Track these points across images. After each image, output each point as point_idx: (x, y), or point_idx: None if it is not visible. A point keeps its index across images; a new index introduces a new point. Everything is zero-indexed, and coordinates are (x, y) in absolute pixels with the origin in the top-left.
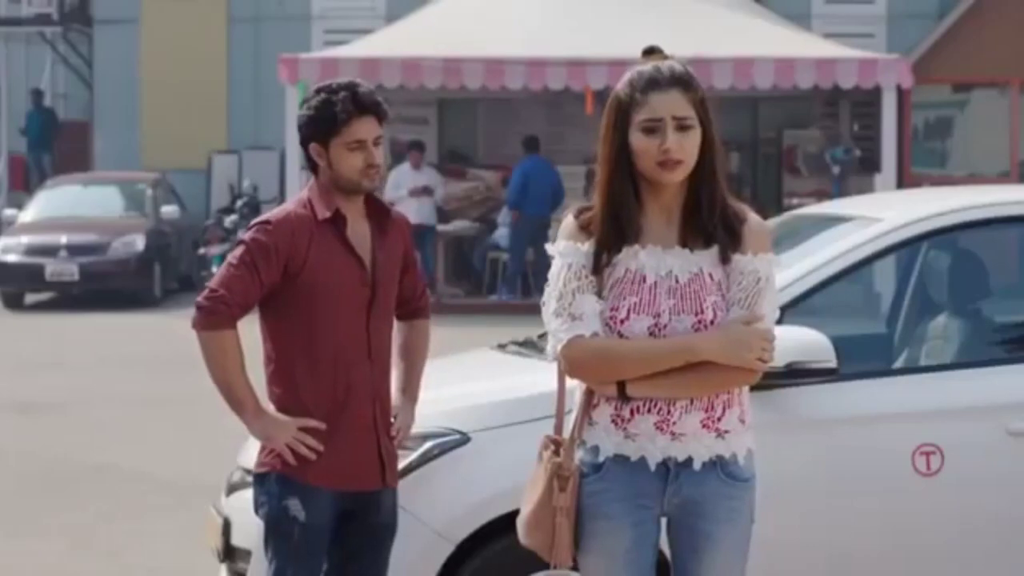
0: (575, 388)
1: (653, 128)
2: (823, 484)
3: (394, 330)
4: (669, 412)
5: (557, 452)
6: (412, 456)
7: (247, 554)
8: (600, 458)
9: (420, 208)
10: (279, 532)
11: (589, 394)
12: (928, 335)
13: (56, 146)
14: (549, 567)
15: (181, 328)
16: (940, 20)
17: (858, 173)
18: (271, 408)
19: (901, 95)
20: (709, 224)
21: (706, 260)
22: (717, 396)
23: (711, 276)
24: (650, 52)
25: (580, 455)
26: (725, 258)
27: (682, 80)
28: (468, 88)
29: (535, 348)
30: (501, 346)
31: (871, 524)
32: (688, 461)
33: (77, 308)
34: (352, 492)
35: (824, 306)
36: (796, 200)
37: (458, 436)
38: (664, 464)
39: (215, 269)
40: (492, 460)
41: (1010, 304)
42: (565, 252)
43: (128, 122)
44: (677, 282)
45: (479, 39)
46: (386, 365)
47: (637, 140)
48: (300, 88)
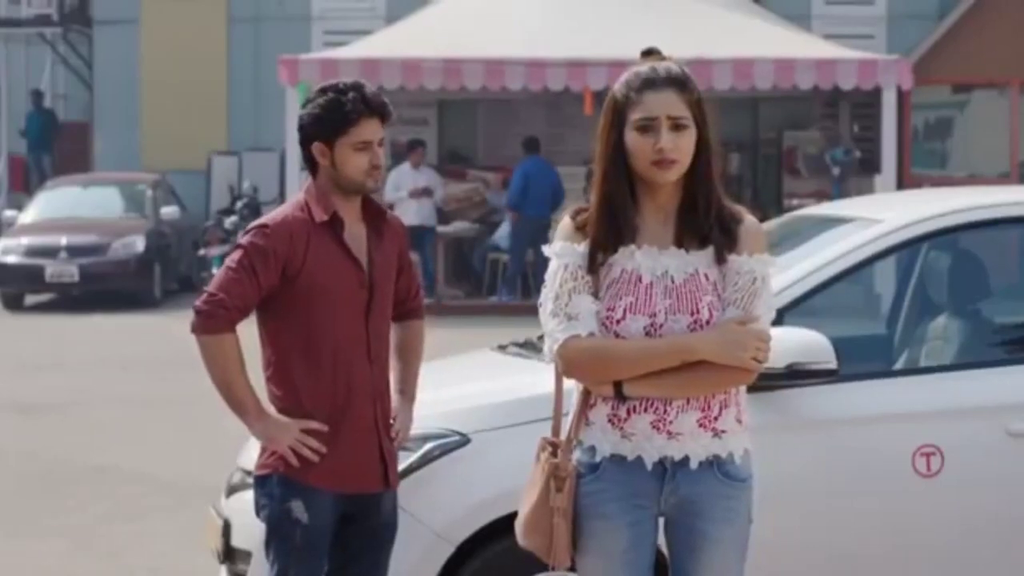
0: (573, 390)
1: (648, 127)
2: (823, 485)
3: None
4: (666, 412)
5: (555, 453)
6: (413, 457)
7: (247, 555)
8: (597, 458)
9: (420, 209)
10: (281, 534)
11: (586, 394)
12: (928, 336)
13: (56, 147)
14: (548, 568)
15: (181, 329)
16: (940, 21)
17: (858, 174)
18: (273, 411)
19: (901, 96)
20: (705, 225)
21: (702, 260)
22: (714, 396)
23: (707, 276)
24: (648, 53)
25: (577, 455)
26: (721, 258)
27: (678, 80)
28: (468, 89)
29: (535, 349)
30: (501, 347)
31: (871, 525)
32: (685, 460)
33: (77, 309)
34: (353, 494)
35: (824, 307)
36: (796, 201)
37: (458, 437)
38: (661, 464)
39: (215, 270)
40: (492, 461)
41: (1010, 305)
42: (561, 253)
43: (128, 123)
44: (673, 282)
45: (479, 40)
46: (385, 366)
47: (632, 139)
48: (300, 89)
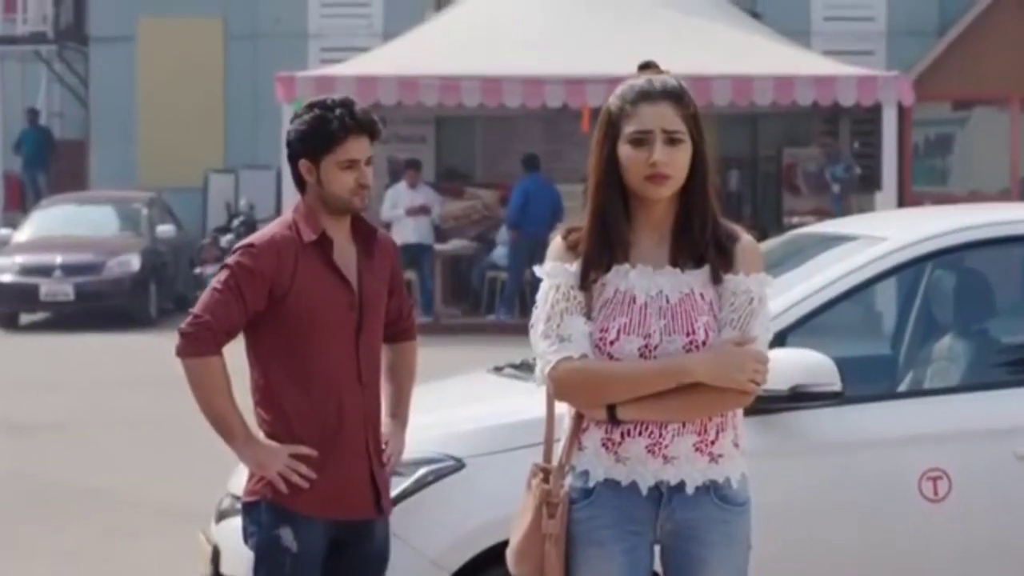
0: (565, 414)
1: (642, 140)
2: (827, 510)
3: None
4: (661, 435)
5: (546, 480)
6: (406, 482)
7: None
8: (590, 483)
9: (417, 227)
10: (270, 563)
11: (578, 418)
12: (934, 356)
13: (52, 165)
14: None
15: None
16: (940, 37)
17: (858, 191)
18: (261, 436)
19: (902, 112)
20: (700, 243)
21: (697, 280)
22: (710, 419)
23: (702, 296)
24: (646, 67)
25: (570, 481)
26: (716, 278)
27: (674, 93)
28: (466, 106)
29: (532, 371)
30: (497, 369)
31: (877, 552)
32: (681, 485)
33: (72, 328)
34: (344, 521)
35: (826, 326)
36: (796, 219)
37: (453, 462)
38: (656, 488)
39: None
40: (488, 487)
41: (1018, 324)
42: (553, 273)
43: (124, 141)
44: (668, 302)
45: (476, 57)
46: (377, 389)
47: (625, 152)
48: (296, 107)
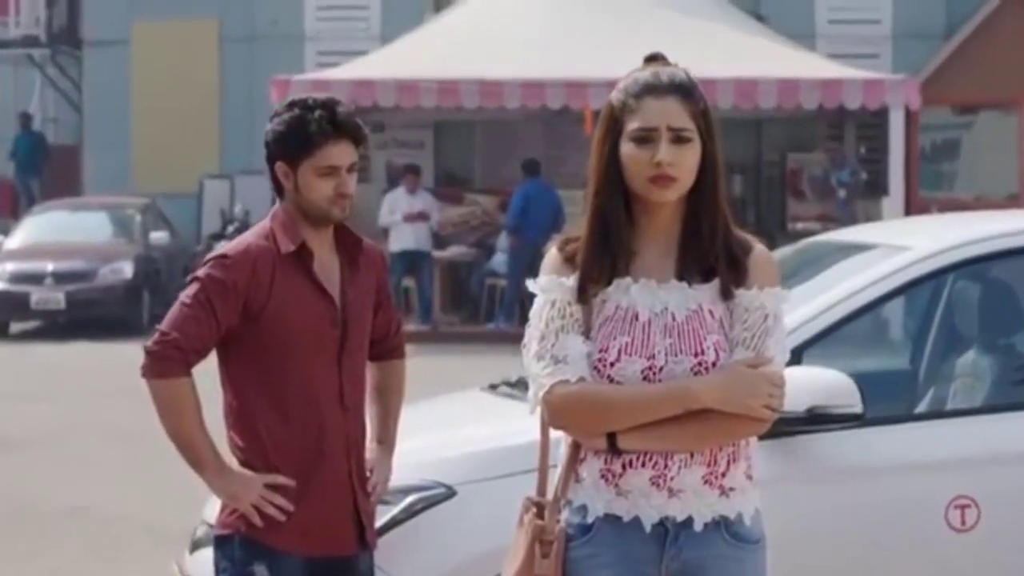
0: (560, 442)
1: (646, 138)
2: (847, 539)
3: (367, 372)
4: (666, 466)
5: (540, 515)
6: (393, 512)
7: None
8: (588, 519)
9: (416, 233)
10: None
11: (575, 448)
12: (958, 374)
13: (45, 170)
14: None
15: None
16: (946, 40)
17: (864, 196)
18: (234, 463)
19: (908, 116)
20: (710, 255)
21: (706, 295)
22: (720, 449)
23: (712, 313)
24: (652, 59)
25: (566, 516)
26: (727, 293)
27: (682, 87)
28: (465, 108)
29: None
30: (492, 387)
31: None
32: (688, 521)
33: (63, 337)
34: (325, 557)
35: (845, 342)
36: (801, 225)
37: (443, 489)
38: (661, 525)
39: None
40: (480, 516)
41: None
42: (548, 288)
43: (119, 146)
44: (674, 320)
45: (475, 59)
46: (361, 412)
47: (628, 151)
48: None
